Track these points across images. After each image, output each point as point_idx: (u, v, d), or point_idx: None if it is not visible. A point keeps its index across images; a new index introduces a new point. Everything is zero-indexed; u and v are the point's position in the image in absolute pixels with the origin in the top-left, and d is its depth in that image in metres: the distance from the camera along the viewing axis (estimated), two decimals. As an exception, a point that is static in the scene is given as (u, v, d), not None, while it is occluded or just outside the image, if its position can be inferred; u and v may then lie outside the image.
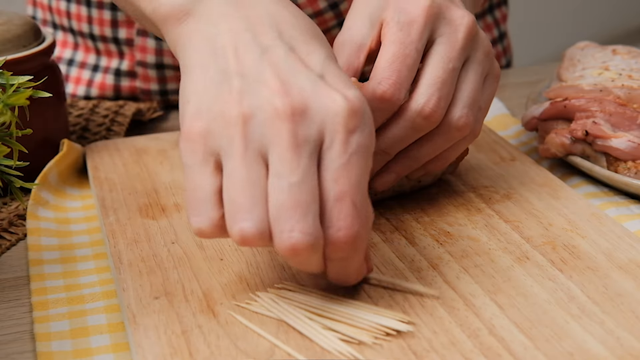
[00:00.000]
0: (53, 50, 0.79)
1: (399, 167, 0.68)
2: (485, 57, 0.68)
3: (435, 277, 0.61)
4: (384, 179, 0.68)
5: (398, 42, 0.65)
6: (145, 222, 0.69)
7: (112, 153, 0.81)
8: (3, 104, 0.59)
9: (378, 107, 0.64)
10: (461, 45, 0.66)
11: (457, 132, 0.66)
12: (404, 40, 0.65)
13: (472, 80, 0.67)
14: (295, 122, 0.54)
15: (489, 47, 0.68)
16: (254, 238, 0.53)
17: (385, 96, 0.64)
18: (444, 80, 0.65)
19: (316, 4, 0.91)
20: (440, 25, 0.66)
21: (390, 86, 0.64)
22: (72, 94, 1.00)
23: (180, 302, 0.59)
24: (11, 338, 0.60)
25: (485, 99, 0.69)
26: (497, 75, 0.69)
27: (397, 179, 0.68)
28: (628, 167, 0.74)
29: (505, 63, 1.11)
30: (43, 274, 0.66)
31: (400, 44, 0.65)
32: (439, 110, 0.65)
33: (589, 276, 0.61)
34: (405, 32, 0.65)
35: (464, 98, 0.66)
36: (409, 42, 0.65)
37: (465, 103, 0.66)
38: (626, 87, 0.78)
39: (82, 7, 0.97)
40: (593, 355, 0.53)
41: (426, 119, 0.65)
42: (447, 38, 0.66)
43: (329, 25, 0.93)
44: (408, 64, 0.64)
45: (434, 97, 0.64)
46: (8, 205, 0.76)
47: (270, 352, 0.54)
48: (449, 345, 0.54)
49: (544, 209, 0.70)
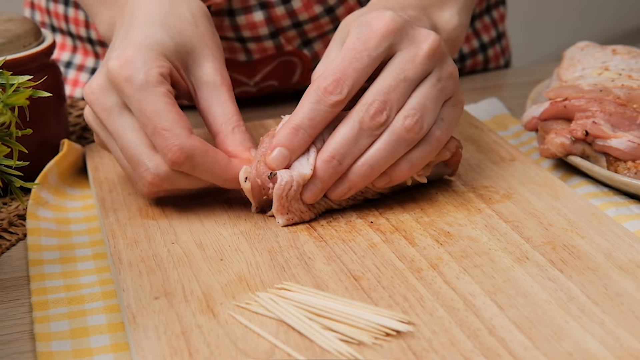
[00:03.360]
0: (53, 50, 0.79)
1: (353, 175, 0.68)
2: (448, 77, 0.69)
3: (435, 277, 0.61)
4: (338, 189, 0.68)
5: (351, 48, 0.67)
6: (145, 222, 0.69)
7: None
8: (3, 104, 0.59)
9: (319, 99, 0.66)
10: (420, 59, 0.67)
11: (405, 132, 0.67)
12: (357, 47, 0.67)
13: (426, 89, 0.68)
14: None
15: (454, 72, 0.69)
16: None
17: (327, 90, 0.66)
18: (393, 87, 0.67)
19: (312, 10, 0.91)
20: (401, 41, 0.68)
21: (332, 81, 0.66)
22: (69, 96, 1.00)
23: (180, 302, 0.59)
24: (11, 338, 0.60)
25: (447, 113, 0.69)
26: (461, 101, 0.70)
27: (350, 189, 0.68)
28: (628, 167, 0.74)
29: (503, 63, 1.11)
30: (43, 274, 0.66)
31: (352, 50, 0.67)
32: (384, 112, 0.66)
33: (589, 276, 0.61)
34: (362, 41, 0.67)
35: (414, 102, 0.67)
36: (362, 49, 0.67)
37: (413, 106, 0.67)
38: (626, 87, 0.78)
39: (80, 11, 0.97)
40: (593, 355, 0.53)
41: (372, 118, 0.66)
42: (405, 52, 0.68)
43: (325, 30, 0.93)
44: (355, 67, 0.66)
45: (380, 98, 0.66)
46: (8, 205, 0.76)
47: (270, 352, 0.54)
48: (449, 345, 0.54)
49: (544, 209, 0.70)
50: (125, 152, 0.68)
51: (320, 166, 0.67)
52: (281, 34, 0.92)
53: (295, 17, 0.91)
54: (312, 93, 0.66)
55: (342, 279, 0.61)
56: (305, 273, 0.62)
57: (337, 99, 0.66)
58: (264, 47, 0.92)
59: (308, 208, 0.68)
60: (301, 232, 0.67)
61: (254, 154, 0.69)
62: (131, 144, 0.67)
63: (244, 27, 0.90)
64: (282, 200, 0.67)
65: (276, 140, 0.67)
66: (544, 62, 1.31)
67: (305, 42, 0.94)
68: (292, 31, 0.92)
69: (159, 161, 0.67)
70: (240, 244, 0.66)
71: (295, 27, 0.92)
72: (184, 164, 0.66)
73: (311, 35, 0.93)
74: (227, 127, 0.70)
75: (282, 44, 0.93)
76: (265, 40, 0.92)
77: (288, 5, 0.90)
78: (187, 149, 0.66)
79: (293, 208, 0.68)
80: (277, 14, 0.90)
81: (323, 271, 0.62)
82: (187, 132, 0.66)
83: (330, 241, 0.66)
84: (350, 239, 0.66)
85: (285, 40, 0.93)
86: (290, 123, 0.67)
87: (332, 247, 0.65)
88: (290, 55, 0.94)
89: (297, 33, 0.92)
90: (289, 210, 0.67)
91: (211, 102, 0.71)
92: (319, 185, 0.67)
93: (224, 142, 0.70)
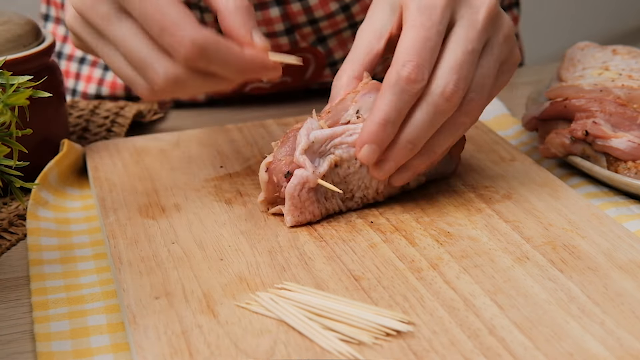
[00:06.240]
0: (53, 50, 0.79)
1: (417, 161, 0.68)
2: (505, 40, 0.67)
3: (435, 277, 0.61)
4: (403, 175, 0.68)
5: (419, 25, 0.65)
6: (145, 222, 0.69)
7: (112, 153, 0.81)
8: (3, 104, 0.59)
9: (403, 89, 0.64)
10: (481, 26, 0.66)
11: (465, 116, 0.66)
12: (425, 23, 0.65)
13: (488, 65, 0.67)
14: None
15: (509, 30, 0.68)
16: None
17: (410, 78, 0.64)
18: (464, 62, 0.65)
19: (327, 7, 0.91)
20: (460, 7, 0.66)
21: (413, 68, 0.64)
22: (83, 92, 1.00)
23: (180, 302, 0.59)
24: (11, 338, 0.60)
25: (497, 86, 0.69)
26: (515, 62, 0.69)
27: (414, 174, 0.68)
28: (628, 167, 0.74)
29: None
30: (43, 274, 0.66)
31: (420, 27, 0.65)
32: (459, 92, 0.65)
33: (589, 276, 0.61)
34: (426, 16, 0.65)
35: (476, 82, 0.66)
36: (429, 25, 0.65)
37: (475, 87, 0.66)
38: (626, 87, 0.78)
39: None
40: (593, 355, 0.53)
41: (448, 100, 0.65)
42: (467, 20, 0.66)
43: (340, 27, 0.94)
44: (429, 47, 0.64)
45: (454, 78, 0.64)
46: (8, 205, 0.76)
47: (270, 352, 0.54)
48: (449, 345, 0.54)
49: (544, 209, 0.70)
50: (130, 59, 0.64)
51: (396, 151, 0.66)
52: (296, 31, 0.92)
53: (311, 14, 0.91)
54: (394, 84, 0.64)
55: (342, 279, 0.61)
56: (305, 273, 0.62)
57: (421, 85, 0.64)
58: (279, 43, 0.92)
59: (320, 210, 0.68)
60: (301, 232, 0.67)
61: (275, 150, 0.68)
62: (136, 49, 0.63)
63: (259, 23, 0.90)
64: (294, 200, 0.67)
65: (365, 137, 0.65)
66: (544, 62, 1.31)
67: (320, 39, 0.94)
68: (307, 28, 0.92)
69: (169, 63, 0.62)
70: (240, 244, 0.66)
71: (311, 24, 0.92)
72: (198, 58, 0.61)
73: (326, 33, 0.94)
74: (229, 3, 0.64)
75: (297, 41, 0.93)
76: (280, 37, 0.92)
77: (304, 2, 0.90)
78: (200, 41, 0.61)
79: (307, 210, 0.68)
80: (293, 11, 0.91)
81: (323, 271, 0.62)
82: (196, 24, 0.61)
83: (331, 241, 0.66)
84: (351, 239, 0.66)
85: (300, 37, 0.93)
86: (376, 117, 0.65)
87: (332, 247, 0.65)
88: (304, 51, 0.94)
89: (312, 30, 0.93)
90: (302, 211, 0.67)
91: None
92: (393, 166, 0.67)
93: (226, 22, 0.64)
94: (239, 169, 0.78)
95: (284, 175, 0.67)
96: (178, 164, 0.79)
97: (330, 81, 0.96)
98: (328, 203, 0.69)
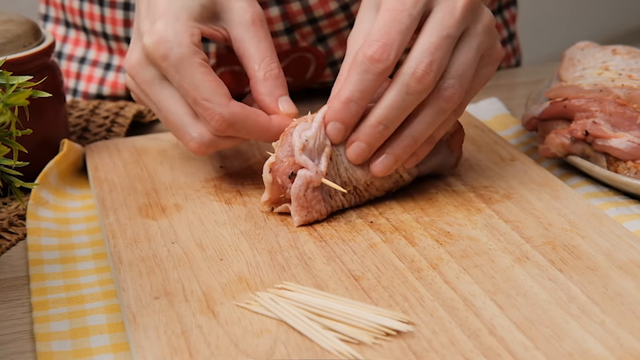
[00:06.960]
0: (53, 50, 0.79)
1: (397, 148, 0.68)
2: (485, 31, 0.68)
3: (435, 277, 0.61)
4: (384, 162, 0.68)
5: (391, 9, 0.66)
6: (145, 222, 0.69)
7: (112, 153, 0.81)
8: (3, 104, 0.59)
9: (367, 68, 0.65)
10: (459, 14, 0.66)
11: (445, 102, 0.66)
12: (397, 7, 0.66)
13: (466, 53, 0.67)
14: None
15: (490, 22, 0.68)
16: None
17: (374, 57, 0.65)
18: (438, 46, 0.65)
19: (327, 6, 0.91)
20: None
21: (378, 48, 0.65)
22: (84, 92, 1.00)
23: (180, 302, 0.59)
24: (11, 338, 0.60)
25: (478, 79, 0.69)
26: (496, 58, 0.69)
27: (397, 162, 0.68)
28: (628, 167, 0.74)
29: (514, 63, 1.11)
30: (43, 274, 0.66)
31: (392, 11, 0.66)
32: (431, 73, 0.65)
33: (589, 276, 0.61)
34: (400, 1, 0.66)
35: (455, 69, 0.66)
36: (402, 8, 0.66)
37: (454, 74, 0.66)
38: (626, 87, 0.78)
39: (95, 5, 0.97)
40: (593, 355, 0.53)
41: (419, 81, 0.65)
42: (444, 7, 0.66)
43: (340, 26, 0.94)
44: (399, 29, 0.65)
45: (426, 59, 0.65)
46: (8, 205, 0.76)
47: (270, 352, 0.54)
48: (449, 345, 0.54)
49: (544, 209, 0.70)
50: (169, 122, 0.71)
51: (367, 131, 0.67)
52: (296, 30, 0.92)
53: (311, 13, 0.91)
54: (359, 63, 0.65)
55: (342, 279, 0.61)
56: (305, 273, 0.62)
57: (386, 65, 0.65)
58: (279, 42, 0.92)
59: (326, 208, 0.68)
60: (301, 232, 0.67)
61: (277, 151, 0.68)
62: (174, 113, 0.71)
63: None
64: (300, 200, 0.67)
65: (329, 114, 0.67)
66: (544, 62, 1.31)
67: (320, 39, 0.94)
68: (307, 27, 0.92)
69: (203, 129, 0.70)
70: (240, 244, 0.66)
71: (311, 23, 0.92)
72: (226, 131, 0.69)
73: (326, 32, 0.94)
74: (259, 72, 0.71)
75: (297, 40, 0.93)
76: (280, 36, 0.92)
77: (304, 1, 0.90)
78: (228, 117, 0.68)
79: (313, 209, 0.68)
80: (292, 10, 0.91)
81: (323, 271, 0.62)
82: (227, 100, 0.68)
83: (330, 241, 0.66)
84: (350, 238, 0.66)
85: (300, 36, 0.93)
86: (340, 96, 0.66)
87: (332, 247, 0.65)
88: (304, 51, 0.94)
89: (312, 29, 0.93)
90: (309, 211, 0.68)
91: (244, 43, 0.72)
92: (365, 148, 0.68)
93: (256, 89, 0.71)
94: (239, 169, 0.78)
95: (288, 176, 0.67)
96: (178, 164, 0.79)
97: (331, 81, 0.96)
98: (333, 200, 0.69)
